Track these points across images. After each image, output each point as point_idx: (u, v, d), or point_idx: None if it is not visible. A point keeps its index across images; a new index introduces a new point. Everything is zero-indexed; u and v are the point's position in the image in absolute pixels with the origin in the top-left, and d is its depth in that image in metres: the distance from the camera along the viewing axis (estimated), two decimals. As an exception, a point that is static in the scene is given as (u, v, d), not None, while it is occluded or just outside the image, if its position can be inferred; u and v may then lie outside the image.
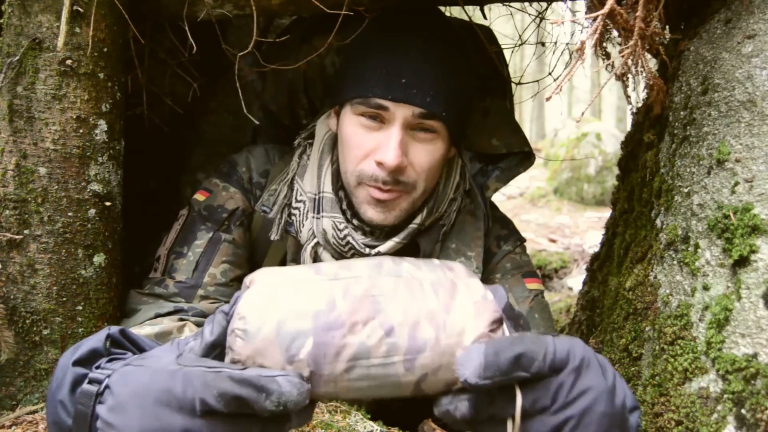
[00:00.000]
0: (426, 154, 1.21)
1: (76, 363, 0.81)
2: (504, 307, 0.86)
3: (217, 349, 0.80)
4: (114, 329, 0.87)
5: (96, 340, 0.84)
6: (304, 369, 0.76)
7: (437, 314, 0.80)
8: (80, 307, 1.17)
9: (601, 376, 0.79)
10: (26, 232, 1.12)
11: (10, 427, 1.06)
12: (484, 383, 0.75)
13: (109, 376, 0.77)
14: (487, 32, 1.53)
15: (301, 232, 1.29)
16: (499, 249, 1.40)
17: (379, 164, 1.18)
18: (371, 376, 0.78)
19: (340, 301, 0.79)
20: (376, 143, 1.19)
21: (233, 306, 0.80)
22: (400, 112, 1.17)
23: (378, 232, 1.28)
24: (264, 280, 0.82)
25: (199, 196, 1.36)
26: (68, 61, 1.11)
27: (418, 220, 1.28)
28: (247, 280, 0.85)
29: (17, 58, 1.10)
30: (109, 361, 0.82)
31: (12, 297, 1.12)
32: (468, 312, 0.81)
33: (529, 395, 0.77)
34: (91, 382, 0.78)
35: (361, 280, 0.82)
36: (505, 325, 0.84)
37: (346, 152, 1.23)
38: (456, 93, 1.22)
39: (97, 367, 0.80)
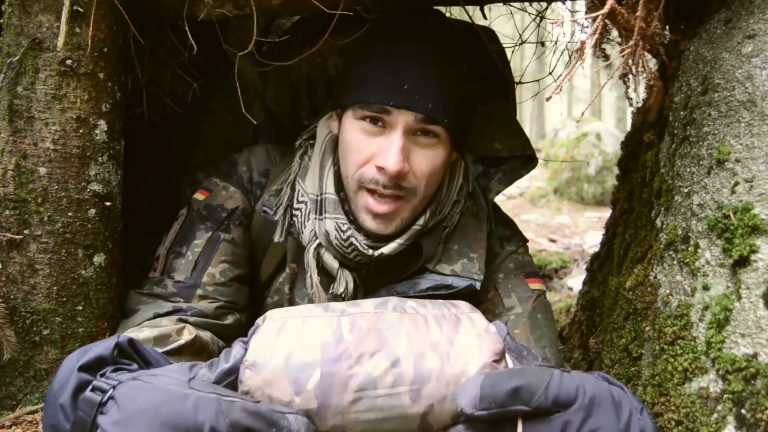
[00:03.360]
0: (427, 159, 1.21)
1: (81, 368, 0.81)
2: (505, 339, 0.87)
3: (232, 376, 0.81)
4: (123, 338, 0.87)
5: (104, 348, 0.84)
6: (311, 401, 0.78)
7: (441, 345, 0.82)
8: (80, 307, 1.17)
9: (614, 416, 0.78)
10: (26, 232, 1.12)
11: (10, 427, 1.06)
12: (480, 414, 0.76)
13: (114, 387, 0.77)
14: (489, 33, 1.53)
15: (302, 233, 1.29)
16: (502, 249, 1.41)
17: (380, 169, 1.18)
18: (378, 408, 0.79)
19: (347, 334, 0.81)
20: (378, 148, 1.19)
21: (249, 339, 0.82)
22: (402, 118, 1.17)
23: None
24: (275, 316, 0.85)
25: (199, 196, 1.35)
26: (68, 61, 1.11)
27: (420, 222, 1.28)
28: (260, 319, 0.87)
29: (17, 58, 1.10)
30: (115, 370, 0.82)
31: (12, 297, 1.12)
32: (471, 343, 0.83)
33: (533, 430, 0.76)
34: (94, 390, 0.78)
35: (367, 315, 0.85)
36: (508, 357, 0.85)
37: (347, 156, 1.23)
38: (458, 98, 1.22)
39: (102, 375, 0.80)
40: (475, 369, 0.81)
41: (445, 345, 0.82)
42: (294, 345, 0.80)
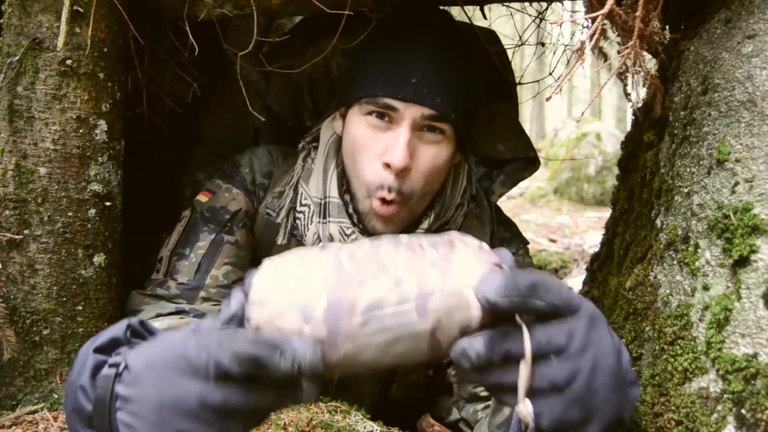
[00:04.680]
0: (431, 156, 1.21)
1: (97, 350, 0.81)
2: (510, 264, 0.85)
3: (233, 322, 0.80)
4: (134, 320, 0.86)
5: (117, 330, 0.84)
6: (320, 327, 0.77)
7: (440, 262, 0.83)
8: (80, 307, 1.17)
9: (609, 334, 0.78)
10: (26, 232, 1.12)
11: (10, 427, 1.06)
12: (504, 302, 0.74)
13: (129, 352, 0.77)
14: (491, 35, 1.53)
15: (305, 236, 1.29)
16: None
17: (387, 166, 1.17)
18: (386, 328, 0.79)
19: (347, 264, 0.81)
20: (384, 144, 1.18)
21: (248, 280, 0.81)
22: (410, 113, 1.16)
23: None
24: (273, 259, 0.85)
25: (202, 197, 1.35)
26: (68, 61, 1.11)
27: (425, 225, 1.28)
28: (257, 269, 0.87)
29: (17, 58, 1.10)
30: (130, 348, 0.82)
31: (12, 297, 1.12)
32: (469, 257, 0.83)
33: (543, 331, 0.75)
34: (111, 366, 0.78)
35: (364, 246, 0.85)
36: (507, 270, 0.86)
37: (354, 153, 1.23)
38: (465, 95, 1.22)
39: (117, 355, 0.80)
40: (475, 277, 0.81)
41: (444, 262, 0.82)
42: (297, 278, 0.79)
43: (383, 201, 1.20)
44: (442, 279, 0.81)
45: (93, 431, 0.77)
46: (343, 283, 0.79)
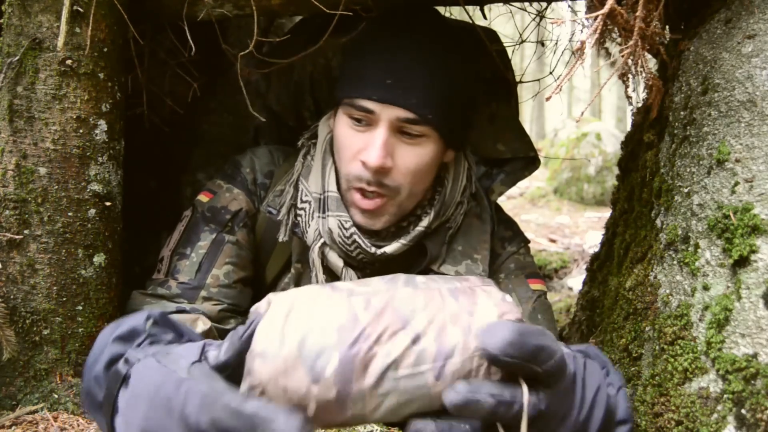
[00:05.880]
0: (413, 156, 1.20)
1: (116, 340, 0.81)
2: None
3: (226, 371, 0.76)
4: (155, 312, 0.86)
5: (137, 320, 0.84)
6: (330, 389, 0.72)
7: (462, 317, 0.77)
8: (80, 307, 1.17)
9: (572, 401, 0.81)
10: (26, 232, 1.12)
11: (10, 427, 1.06)
12: (506, 360, 0.72)
13: (139, 360, 0.77)
14: (492, 35, 1.53)
15: (307, 232, 1.29)
16: (503, 250, 1.41)
17: (364, 164, 1.18)
18: (400, 390, 0.74)
19: (362, 314, 0.75)
20: (363, 143, 1.19)
21: (249, 327, 0.76)
22: (386, 114, 1.16)
23: (384, 233, 1.28)
24: (280, 301, 0.78)
25: (203, 197, 1.36)
26: (68, 61, 1.11)
27: (425, 223, 1.28)
28: (263, 302, 0.80)
29: (17, 58, 1.10)
30: (151, 343, 0.82)
31: (12, 297, 1.12)
32: (491, 313, 0.78)
33: (547, 400, 0.75)
34: (125, 363, 0.78)
35: (379, 293, 0.79)
36: None
37: (339, 152, 1.24)
38: (448, 95, 1.21)
39: (139, 345, 0.80)
40: None
41: (465, 317, 0.77)
42: (307, 329, 0.73)
43: (362, 193, 1.21)
44: (464, 339, 0.75)
45: (102, 416, 0.79)
46: (358, 339, 0.73)
